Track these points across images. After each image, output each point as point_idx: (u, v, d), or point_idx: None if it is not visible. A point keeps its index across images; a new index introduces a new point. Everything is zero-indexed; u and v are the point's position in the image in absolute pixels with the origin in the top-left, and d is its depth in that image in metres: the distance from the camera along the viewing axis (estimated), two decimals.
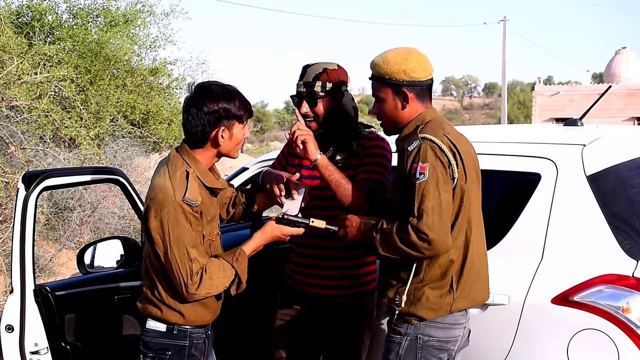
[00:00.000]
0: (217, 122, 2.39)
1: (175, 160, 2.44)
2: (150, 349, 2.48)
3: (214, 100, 2.38)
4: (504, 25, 28.62)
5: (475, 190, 2.41)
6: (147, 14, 11.79)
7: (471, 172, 2.38)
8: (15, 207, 3.04)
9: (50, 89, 9.06)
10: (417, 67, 2.41)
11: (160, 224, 2.33)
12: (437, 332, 2.39)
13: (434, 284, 2.37)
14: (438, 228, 2.22)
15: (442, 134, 2.35)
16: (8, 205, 7.10)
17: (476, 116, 75.53)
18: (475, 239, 2.41)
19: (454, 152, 2.33)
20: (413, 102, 2.42)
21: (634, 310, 2.38)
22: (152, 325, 2.46)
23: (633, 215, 2.68)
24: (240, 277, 2.45)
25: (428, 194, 2.24)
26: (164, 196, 2.33)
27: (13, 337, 3.04)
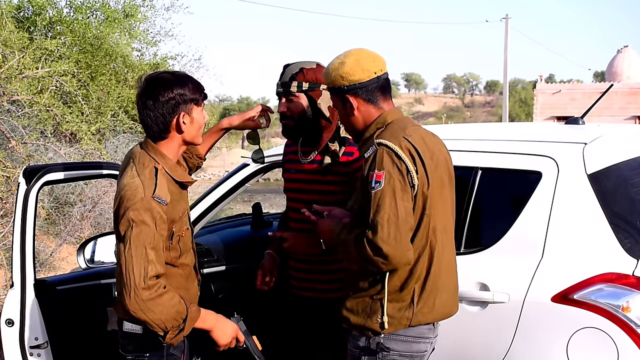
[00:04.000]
0: (175, 108, 2.34)
1: (142, 157, 2.37)
2: (128, 351, 2.42)
3: (167, 87, 2.33)
4: (506, 23, 28.58)
5: (443, 195, 2.27)
6: (147, 8, 11.79)
7: (436, 176, 2.24)
8: (16, 201, 3.04)
9: (52, 83, 9.06)
10: (354, 69, 2.27)
11: (126, 221, 2.24)
12: (398, 346, 2.25)
13: (393, 296, 2.22)
14: (394, 241, 2.07)
15: (403, 136, 2.21)
16: (9, 200, 7.11)
17: (477, 114, 75.45)
18: (442, 248, 2.26)
19: (414, 157, 2.18)
20: (363, 106, 2.30)
21: (633, 309, 2.38)
22: (128, 327, 2.39)
23: (634, 214, 2.68)
24: (186, 325, 2.28)
25: (384, 204, 2.09)
26: (133, 193, 2.26)
27: (13, 332, 3.04)
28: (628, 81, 28.06)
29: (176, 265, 2.42)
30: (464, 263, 2.72)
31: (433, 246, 2.24)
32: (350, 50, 2.34)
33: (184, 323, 2.27)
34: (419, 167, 2.18)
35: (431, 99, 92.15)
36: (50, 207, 8.36)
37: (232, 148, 38.01)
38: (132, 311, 2.19)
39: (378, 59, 2.32)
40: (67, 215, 8.76)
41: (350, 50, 2.34)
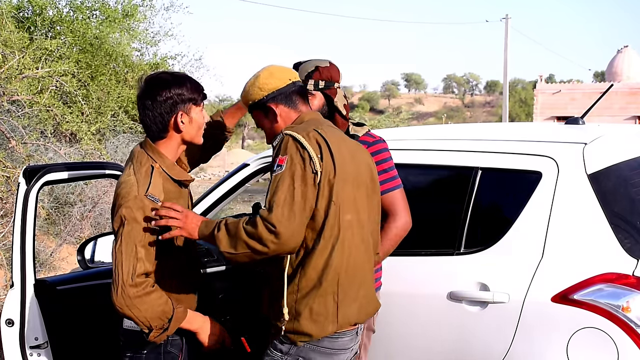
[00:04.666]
0: (173, 108, 2.37)
1: (140, 156, 2.41)
2: (127, 348, 2.45)
3: (165, 87, 2.36)
4: (506, 23, 28.58)
5: (360, 195, 2.29)
6: (146, 7, 11.78)
7: (349, 172, 2.25)
8: (16, 201, 3.04)
9: (52, 83, 9.06)
10: (269, 78, 2.37)
11: (119, 218, 2.28)
12: (321, 358, 2.23)
13: (313, 291, 2.20)
14: (287, 221, 2.10)
15: (314, 129, 2.26)
16: (9, 200, 7.11)
17: (477, 114, 75.46)
18: (352, 244, 2.24)
19: (321, 145, 2.21)
20: (284, 112, 2.38)
21: (633, 309, 2.38)
22: (128, 324, 2.42)
23: (634, 214, 2.68)
24: (171, 325, 2.32)
25: (282, 185, 2.13)
26: (127, 191, 2.30)
27: (13, 332, 3.04)
28: (628, 81, 28.08)
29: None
30: (464, 263, 2.73)
31: (346, 238, 2.23)
32: (261, 68, 2.45)
33: (169, 323, 2.31)
34: (325, 155, 2.21)
35: (431, 99, 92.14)
36: (50, 207, 8.36)
37: (233, 148, 38.02)
38: (118, 307, 2.25)
39: (289, 70, 2.45)
40: (67, 215, 8.76)
41: (261, 68, 2.45)
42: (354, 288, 2.26)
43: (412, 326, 2.82)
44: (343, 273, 2.23)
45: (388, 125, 26.66)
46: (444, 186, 3.09)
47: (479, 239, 2.77)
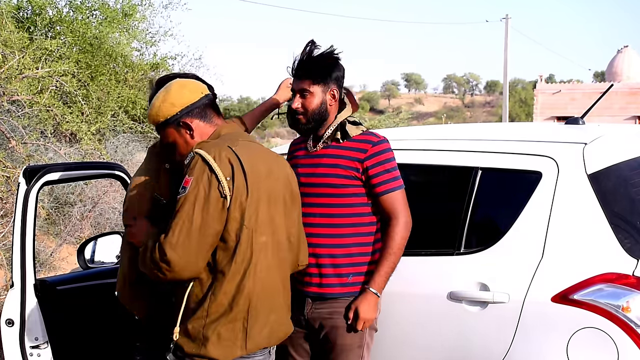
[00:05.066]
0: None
1: (152, 157, 2.52)
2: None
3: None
4: (506, 23, 28.57)
5: (272, 211, 2.22)
6: (145, 7, 11.77)
7: (262, 190, 2.18)
8: (16, 201, 3.05)
9: (52, 83, 9.06)
10: (180, 93, 2.30)
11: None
12: None
13: (223, 317, 2.13)
14: (182, 249, 2.03)
15: (228, 145, 2.18)
16: (9, 200, 7.10)
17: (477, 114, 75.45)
18: (266, 268, 2.18)
19: (234, 166, 2.14)
20: (199, 127, 2.31)
21: (633, 309, 2.38)
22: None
23: (634, 214, 2.68)
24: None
25: (182, 210, 2.06)
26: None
27: (13, 331, 3.04)
28: (628, 81, 28.07)
29: None
30: (464, 263, 2.73)
31: (259, 261, 2.17)
32: (166, 86, 2.36)
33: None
34: (238, 176, 2.13)
35: (431, 99, 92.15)
36: (50, 207, 8.36)
37: None
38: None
39: (199, 84, 2.38)
40: (67, 215, 8.76)
41: (166, 86, 2.36)
42: (265, 313, 2.20)
43: (412, 326, 2.81)
44: (255, 298, 2.16)
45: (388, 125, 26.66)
46: (444, 186, 3.09)
47: (479, 239, 2.76)
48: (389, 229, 2.65)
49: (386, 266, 2.64)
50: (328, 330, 2.72)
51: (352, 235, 2.69)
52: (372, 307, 2.65)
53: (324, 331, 2.73)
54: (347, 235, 2.69)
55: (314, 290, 2.72)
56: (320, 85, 2.70)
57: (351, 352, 2.70)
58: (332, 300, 2.70)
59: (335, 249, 2.68)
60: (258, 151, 2.27)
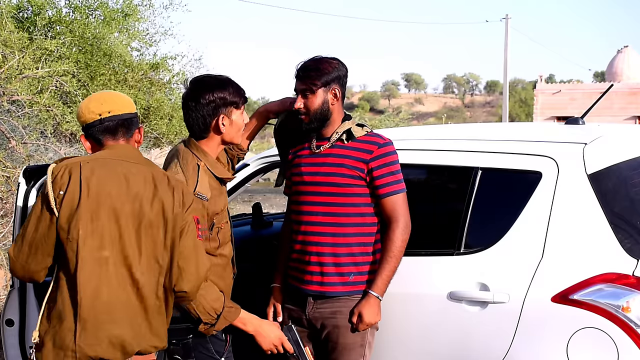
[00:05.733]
0: (215, 111, 2.53)
1: (185, 155, 2.54)
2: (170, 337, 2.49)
3: (208, 91, 2.52)
4: (506, 23, 28.57)
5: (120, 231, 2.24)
6: (145, 7, 11.76)
7: (106, 209, 2.22)
8: (16, 201, 3.05)
9: (52, 83, 9.05)
10: (82, 111, 2.35)
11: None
12: None
13: (58, 324, 2.21)
14: (17, 254, 2.25)
15: (80, 161, 2.25)
16: (9, 200, 7.10)
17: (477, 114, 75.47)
18: (105, 280, 2.21)
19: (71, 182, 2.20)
20: (92, 146, 2.39)
21: (634, 309, 2.38)
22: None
23: (634, 214, 2.68)
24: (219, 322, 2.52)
25: (27, 219, 2.27)
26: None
27: (13, 332, 3.04)
28: (628, 81, 28.08)
29: (215, 255, 2.56)
30: (464, 263, 2.73)
31: (94, 274, 2.21)
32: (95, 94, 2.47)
33: (217, 320, 2.49)
34: (72, 190, 2.20)
35: (431, 99, 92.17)
36: None
37: None
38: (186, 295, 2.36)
39: (107, 102, 2.35)
40: None
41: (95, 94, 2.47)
42: (100, 326, 2.21)
43: (412, 326, 2.81)
44: (86, 310, 2.19)
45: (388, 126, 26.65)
46: (444, 186, 3.09)
47: (479, 239, 2.76)
48: (389, 232, 2.67)
49: (387, 269, 2.65)
50: (330, 329, 2.72)
51: (354, 235, 2.70)
52: (375, 310, 2.67)
53: (326, 330, 2.74)
54: (350, 234, 2.70)
55: (316, 289, 2.73)
56: (321, 84, 2.71)
57: (353, 350, 2.71)
58: (333, 299, 2.71)
59: (338, 248, 2.70)
60: (115, 172, 2.28)
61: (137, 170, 2.31)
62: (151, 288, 2.31)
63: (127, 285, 2.28)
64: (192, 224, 2.38)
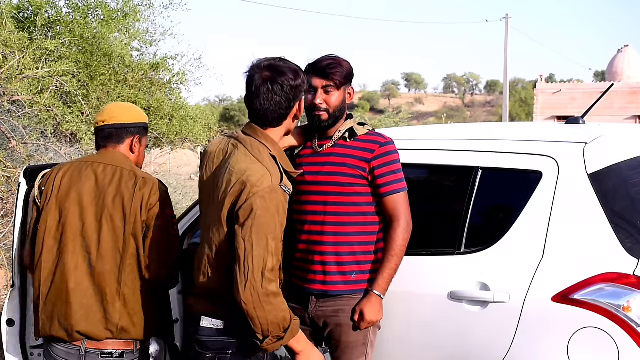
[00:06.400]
0: (298, 96, 2.38)
1: (254, 144, 2.32)
2: (207, 348, 2.31)
3: (296, 74, 2.36)
4: (506, 22, 28.56)
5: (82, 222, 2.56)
6: (145, 7, 11.75)
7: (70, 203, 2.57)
8: (17, 201, 3.04)
9: (52, 83, 9.05)
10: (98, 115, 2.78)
11: (249, 207, 2.15)
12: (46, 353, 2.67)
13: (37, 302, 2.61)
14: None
15: (60, 166, 2.70)
16: (9, 200, 7.10)
17: (478, 114, 75.47)
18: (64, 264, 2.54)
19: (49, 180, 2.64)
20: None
21: (634, 308, 2.38)
22: (206, 323, 2.31)
23: (634, 213, 2.68)
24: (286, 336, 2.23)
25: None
26: (259, 179, 2.19)
27: (14, 331, 3.04)
28: (628, 81, 28.06)
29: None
30: (465, 263, 2.73)
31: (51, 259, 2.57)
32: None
33: (285, 333, 2.21)
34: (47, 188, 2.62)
35: (431, 98, 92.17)
36: None
37: None
38: (244, 302, 2.12)
39: (104, 112, 2.79)
40: None
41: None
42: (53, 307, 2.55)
43: (413, 326, 2.82)
44: (42, 291, 2.57)
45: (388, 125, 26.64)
46: (445, 186, 3.09)
47: (479, 238, 2.76)
48: (390, 231, 2.67)
49: (389, 268, 2.65)
50: (332, 328, 2.73)
51: (356, 234, 2.71)
52: (377, 309, 2.67)
53: (329, 329, 2.74)
54: (352, 233, 2.70)
55: (318, 288, 2.73)
56: (344, 81, 2.73)
57: (356, 349, 2.71)
58: (336, 298, 2.72)
59: (340, 247, 2.70)
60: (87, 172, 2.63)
61: (107, 171, 2.62)
62: (110, 275, 2.53)
63: (83, 271, 2.54)
64: (164, 219, 2.60)
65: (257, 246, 2.12)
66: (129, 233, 2.53)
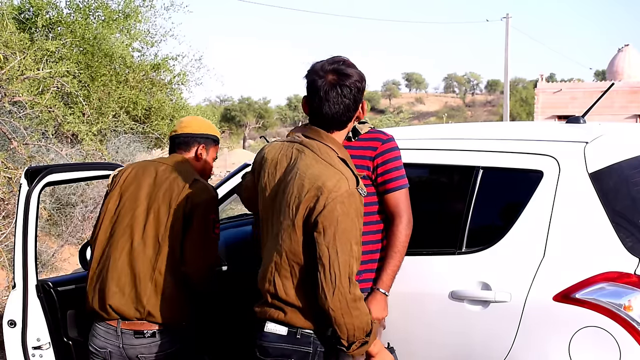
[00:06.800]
0: (362, 98, 2.34)
1: (322, 148, 2.26)
2: (268, 354, 2.26)
3: (361, 77, 2.31)
4: (507, 22, 28.54)
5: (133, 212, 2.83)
6: (147, 8, 11.76)
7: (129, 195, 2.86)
8: (18, 202, 3.05)
9: (53, 84, 9.06)
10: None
11: (329, 213, 2.10)
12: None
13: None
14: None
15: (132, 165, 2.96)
16: (11, 201, 7.11)
17: (478, 113, 75.45)
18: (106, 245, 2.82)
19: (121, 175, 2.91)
20: None
21: (635, 307, 2.38)
22: (270, 328, 2.25)
23: (635, 212, 2.68)
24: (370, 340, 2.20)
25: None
26: (336, 184, 2.13)
27: (15, 333, 3.04)
28: (629, 80, 28.04)
29: None
30: (466, 262, 2.73)
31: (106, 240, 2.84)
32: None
33: (368, 337, 2.18)
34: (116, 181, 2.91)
35: (432, 98, 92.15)
36: (52, 208, 8.36)
37: (234, 148, 38.01)
38: (332, 309, 2.09)
39: (177, 124, 3.06)
40: (68, 216, 8.76)
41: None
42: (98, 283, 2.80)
43: (414, 325, 2.81)
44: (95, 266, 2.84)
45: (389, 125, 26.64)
46: (446, 185, 3.09)
47: (480, 238, 2.76)
48: (393, 228, 2.66)
49: (392, 265, 2.64)
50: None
51: (363, 234, 2.70)
52: (383, 306, 2.66)
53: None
54: None
55: None
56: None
57: None
58: None
59: None
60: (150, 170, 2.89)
61: (167, 170, 2.87)
62: (147, 260, 2.74)
63: (125, 254, 2.76)
64: (205, 221, 2.78)
65: (342, 252, 2.10)
66: (169, 226, 2.75)
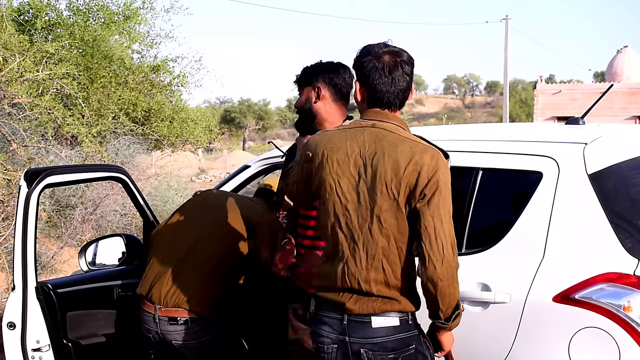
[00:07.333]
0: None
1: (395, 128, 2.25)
2: (387, 349, 2.15)
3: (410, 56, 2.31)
4: (506, 23, 28.57)
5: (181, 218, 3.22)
6: (146, 10, 11.76)
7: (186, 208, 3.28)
8: (17, 204, 3.05)
9: (52, 86, 9.06)
10: None
11: (435, 183, 2.12)
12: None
13: None
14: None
15: None
16: (10, 203, 7.10)
17: (478, 114, 75.47)
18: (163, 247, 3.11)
19: None
20: None
21: (635, 308, 2.38)
22: (380, 322, 2.15)
23: (634, 213, 2.68)
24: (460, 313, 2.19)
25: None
26: (432, 157, 2.15)
27: (15, 335, 3.04)
28: (628, 81, 28.05)
29: None
30: (465, 263, 2.73)
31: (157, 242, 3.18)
32: None
33: (457, 310, 2.18)
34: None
35: (432, 99, 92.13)
36: (52, 209, 8.36)
37: (234, 150, 38.01)
38: (440, 279, 2.07)
39: None
40: (68, 218, 8.76)
41: None
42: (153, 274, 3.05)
43: None
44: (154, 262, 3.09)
45: None
46: None
47: (480, 239, 2.77)
48: None
49: None
50: None
51: None
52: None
53: None
54: None
55: None
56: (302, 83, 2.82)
57: None
58: None
59: None
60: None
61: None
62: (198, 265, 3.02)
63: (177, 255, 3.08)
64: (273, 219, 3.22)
65: (445, 222, 2.12)
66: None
